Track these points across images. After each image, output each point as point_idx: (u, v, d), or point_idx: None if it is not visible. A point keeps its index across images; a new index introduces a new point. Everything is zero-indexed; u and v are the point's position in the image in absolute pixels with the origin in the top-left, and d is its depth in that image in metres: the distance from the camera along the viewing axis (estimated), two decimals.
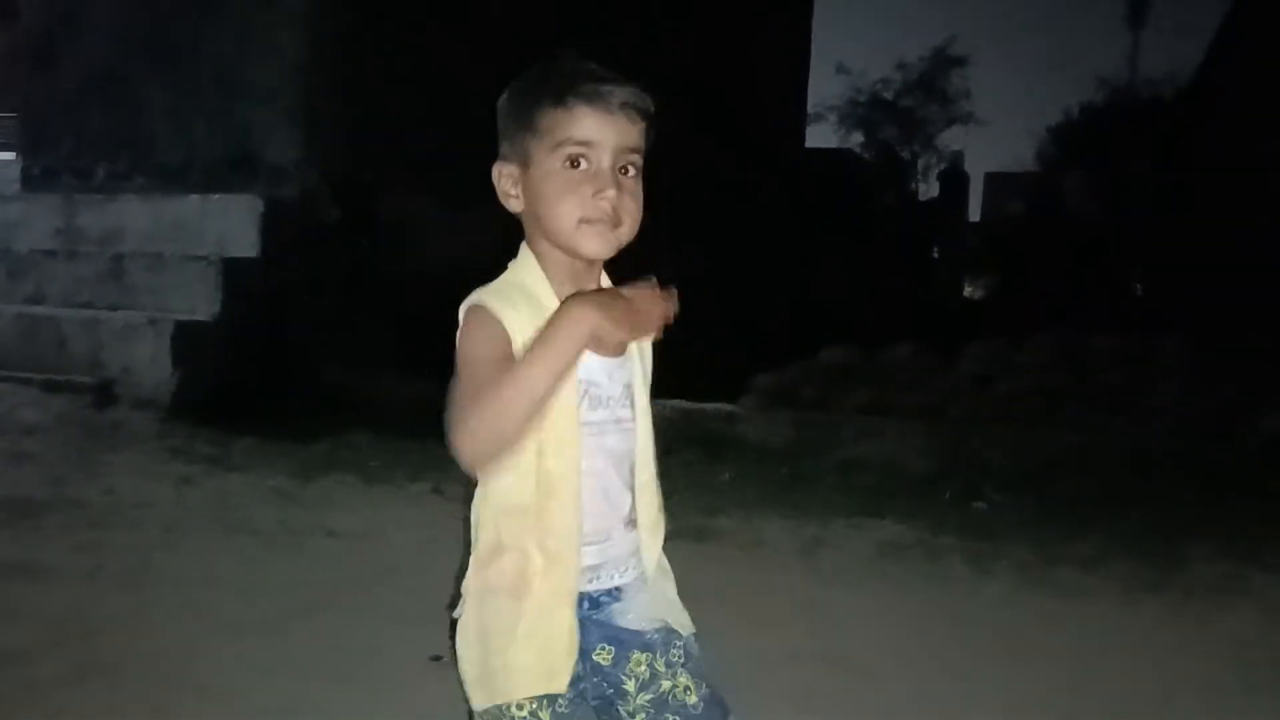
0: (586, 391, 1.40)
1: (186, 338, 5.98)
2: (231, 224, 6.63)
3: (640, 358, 1.48)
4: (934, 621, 3.37)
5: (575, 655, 1.39)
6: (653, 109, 1.40)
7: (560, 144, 1.36)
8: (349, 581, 3.52)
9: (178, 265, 6.48)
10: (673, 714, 1.46)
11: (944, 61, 30.23)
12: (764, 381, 6.52)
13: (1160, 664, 3.05)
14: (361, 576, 3.57)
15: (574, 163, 1.36)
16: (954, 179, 30.63)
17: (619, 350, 1.43)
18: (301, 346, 6.47)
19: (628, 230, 1.39)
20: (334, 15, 7.08)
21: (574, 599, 1.39)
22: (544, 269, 1.41)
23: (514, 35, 7.74)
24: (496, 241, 1.59)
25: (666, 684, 1.46)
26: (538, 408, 1.26)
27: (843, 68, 30.18)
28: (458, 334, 1.37)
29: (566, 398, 1.35)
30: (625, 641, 1.44)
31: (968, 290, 27.91)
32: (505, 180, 1.42)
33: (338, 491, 4.65)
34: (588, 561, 1.42)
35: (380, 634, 3.04)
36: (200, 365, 5.96)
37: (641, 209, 1.41)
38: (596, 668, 1.44)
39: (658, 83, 1.46)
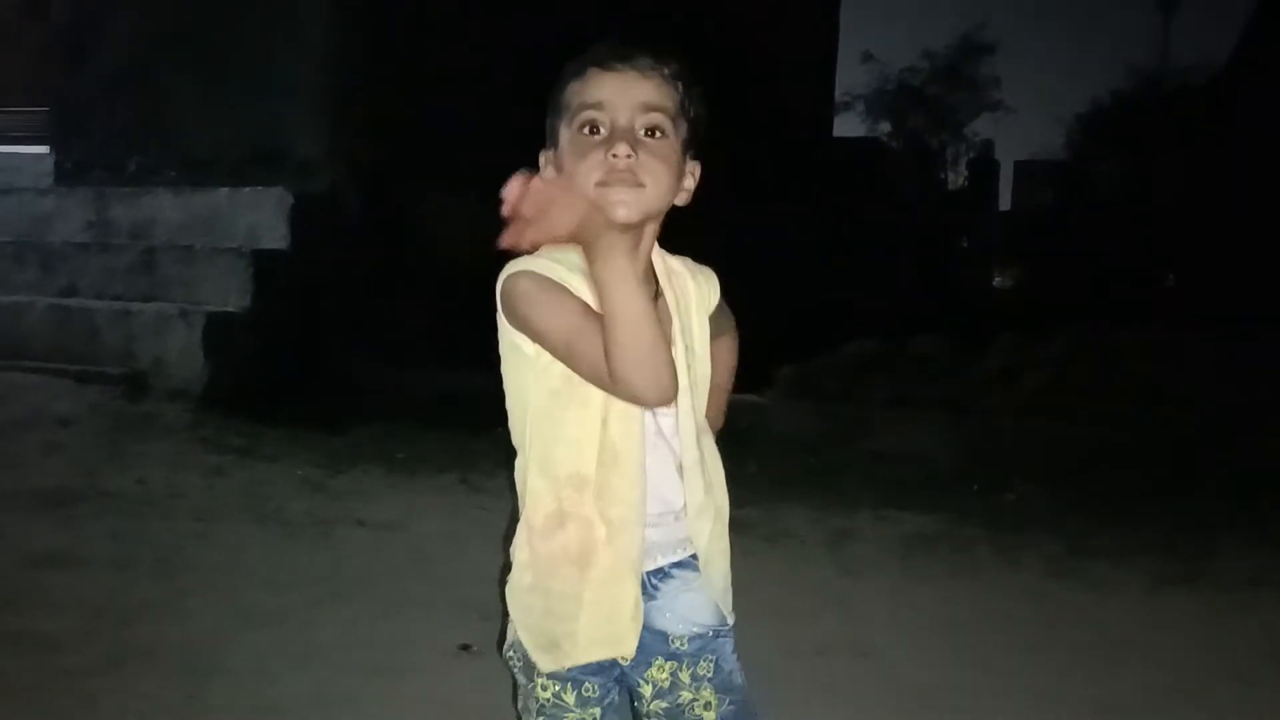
0: None
1: (217, 329, 6.02)
2: (261, 217, 6.67)
3: (684, 330, 1.42)
4: (961, 613, 3.36)
5: (640, 621, 1.38)
6: (676, 70, 1.37)
7: (576, 112, 1.35)
8: (377, 571, 3.54)
9: (208, 257, 6.52)
10: None
11: (972, 49, 29.91)
12: (790, 373, 6.50)
13: (1189, 657, 3.03)
14: (390, 566, 3.60)
15: (592, 129, 1.34)
16: (983, 168, 30.38)
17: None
18: (331, 338, 6.51)
19: (653, 192, 1.33)
20: (362, 8, 7.11)
21: (638, 569, 1.38)
22: None
23: (541, 28, 7.76)
24: None
25: (686, 695, 1.45)
26: (652, 328, 1.23)
27: (870, 56, 29.92)
28: (506, 309, 1.34)
29: None
30: (648, 646, 1.42)
31: (997, 280, 27.70)
32: (546, 167, 1.40)
33: (366, 482, 4.68)
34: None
35: (409, 623, 3.07)
36: (231, 356, 6.01)
37: (674, 171, 1.36)
38: (614, 662, 1.44)
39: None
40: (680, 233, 1.52)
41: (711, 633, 1.46)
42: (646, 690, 1.45)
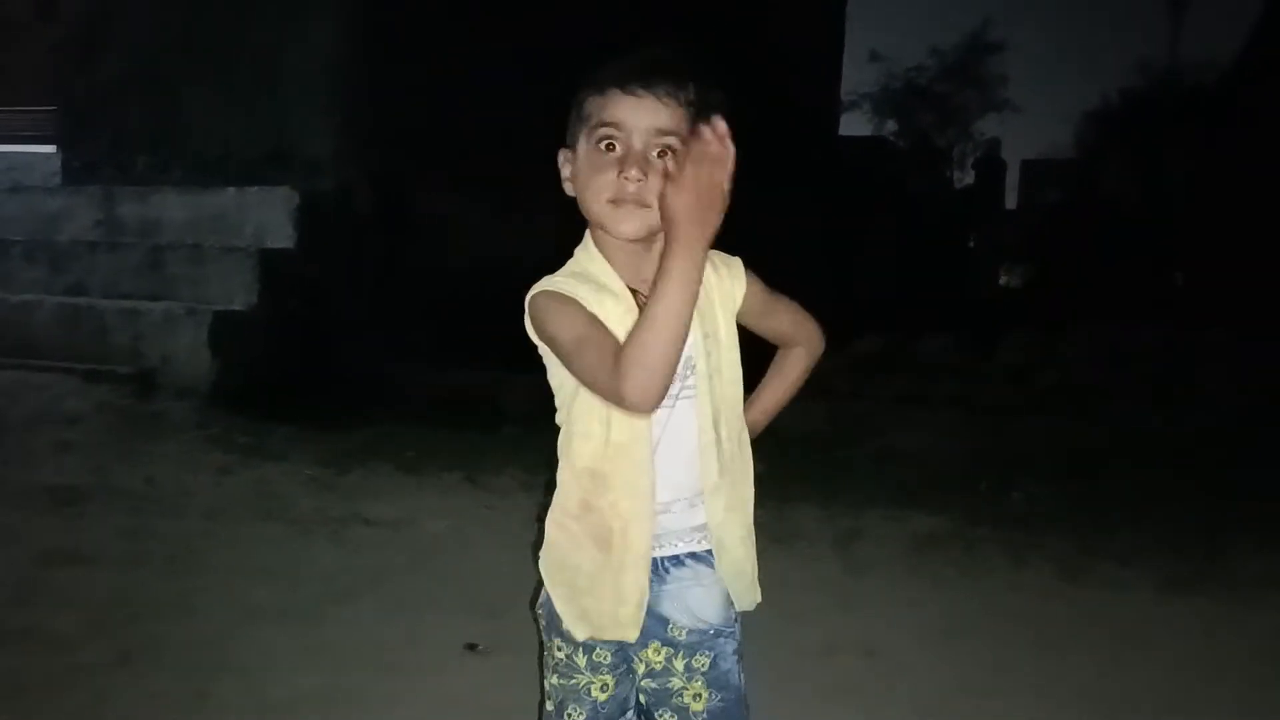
0: None
1: (225, 328, 6.04)
2: (268, 216, 6.68)
3: (704, 318, 1.46)
4: (970, 613, 3.35)
5: (644, 610, 1.45)
6: (694, 96, 1.41)
7: (594, 127, 1.41)
8: (384, 569, 3.54)
9: (216, 256, 6.54)
10: (671, 712, 1.51)
11: (979, 47, 29.92)
12: None
13: (1199, 658, 3.02)
14: (396, 565, 3.60)
15: (608, 146, 1.40)
16: (990, 167, 30.33)
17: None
18: (337, 336, 6.52)
19: (657, 213, 1.35)
20: (370, 9, 7.12)
21: (647, 560, 1.44)
22: (604, 254, 1.45)
23: (548, 29, 7.77)
24: (529, 234, 1.62)
25: (676, 682, 1.50)
26: (683, 332, 1.26)
27: (876, 55, 29.92)
28: (531, 322, 1.43)
29: None
30: (648, 629, 1.48)
31: (1004, 280, 27.66)
32: (565, 166, 1.47)
33: (373, 481, 4.68)
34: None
35: (416, 622, 3.07)
36: (238, 355, 6.02)
37: None
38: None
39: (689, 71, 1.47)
40: None
41: (713, 631, 1.51)
42: (640, 667, 1.51)
